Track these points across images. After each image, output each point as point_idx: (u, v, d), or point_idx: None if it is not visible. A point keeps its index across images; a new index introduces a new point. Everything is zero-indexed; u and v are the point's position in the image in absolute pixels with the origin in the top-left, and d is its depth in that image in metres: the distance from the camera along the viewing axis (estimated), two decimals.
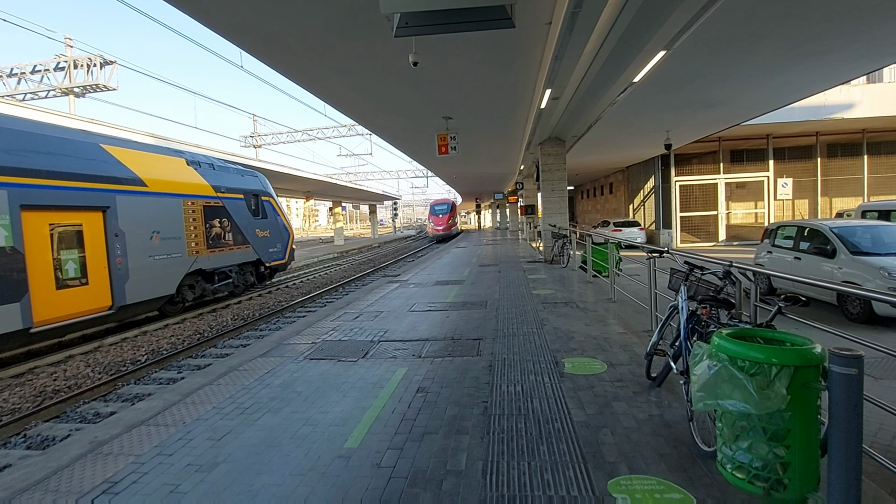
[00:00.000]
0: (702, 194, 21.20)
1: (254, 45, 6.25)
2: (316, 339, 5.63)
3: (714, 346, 1.82)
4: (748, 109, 11.93)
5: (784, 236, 9.09)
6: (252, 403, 3.72)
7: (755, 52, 7.39)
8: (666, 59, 6.55)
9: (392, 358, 4.76)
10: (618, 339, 5.04)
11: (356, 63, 6.91)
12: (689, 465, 2.55)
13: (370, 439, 3.02)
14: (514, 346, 4.96)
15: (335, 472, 2.65)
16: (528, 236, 22.28)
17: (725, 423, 1.79)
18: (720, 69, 8.16)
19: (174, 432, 3.28)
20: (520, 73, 7.59)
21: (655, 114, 11.63)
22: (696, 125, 13.64)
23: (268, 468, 2.72)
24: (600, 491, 2.35)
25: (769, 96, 10.53)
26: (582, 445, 2.80)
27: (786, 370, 1.60)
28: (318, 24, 5.53)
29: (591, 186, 34.57)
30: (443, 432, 3.07)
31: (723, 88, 9.50)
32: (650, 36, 5.48)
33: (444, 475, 2.56)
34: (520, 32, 5.76)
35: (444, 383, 3.97)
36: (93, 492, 2.57)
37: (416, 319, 6.45)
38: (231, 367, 4.72)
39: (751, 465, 1.70)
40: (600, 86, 7.67)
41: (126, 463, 2.88)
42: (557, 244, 12.59)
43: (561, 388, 3.73)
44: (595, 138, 13.87)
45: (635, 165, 23.45)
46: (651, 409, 3.28)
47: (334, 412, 3.48)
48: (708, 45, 6.88)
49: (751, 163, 20.85)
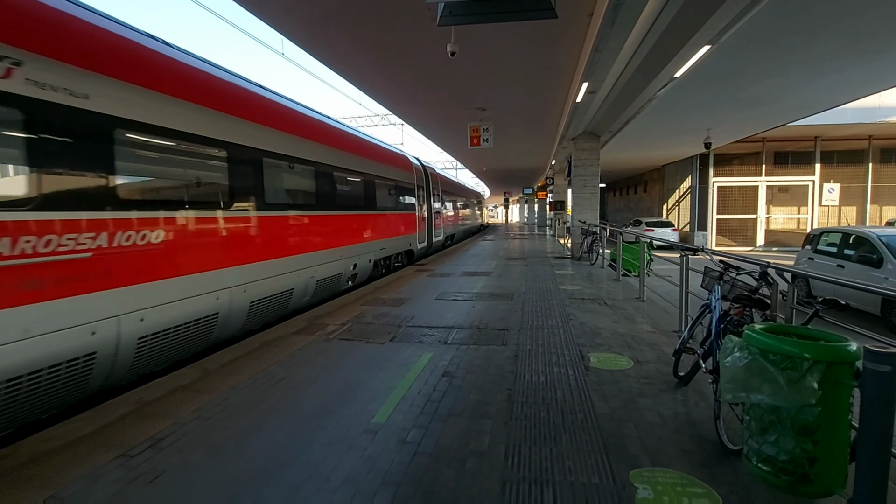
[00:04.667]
0: (741, 196, 20.48)
1: (296, 33, 6.40)
2: (344, 321, 5.79)
3: (746, 338, 1.81)
4: (796, 109, 11.42)
5: (827, 243, 8.72)
6: (283, 377, 3.89)
7: (807, 49, 7.07)
8: (710, 53, 6.34)
9: (418, 342, 4.86)
10: (645, 337, 4.99)
11: (394, 52, 6.98)
12: (714, 462, 2.54)
13: (396, 417, 3.12)
14: (539, 338, 4.98)
15: (362, 444, 2.76)
16: (555, 232, 22.06)
17: (753, 415, 1.78)
18: (768, 66, 7.84)
19: (212, 398, 3.46)
20: (557, 65, 7.50)
21: (696, 111, 11.28)
22: (740, 124, 13.16)
23: (299, 436, 2.85)
24: (622, 480, 2.38)
25: (820, 96, 10.05)
26: (604, 437, 2.83)
27: (818, 365, 1.59)
28: (359, 12, 5.61)
29: (623, 184, 33.84)
30: (466, 415, 3.14)
31: (770, 86, 9.13)
32: (695, 30, 5.32)
33: (467, 455, 2.63)
34: (560, 23, 5.70)
35: (468, 369, 4.04)
36: (140, 445, 2.76)
37: (443, 307, 6.54)
38: (264, 342, 4.91)
39: (777, 459, 1.70)
40: (639, 80, 7.50)
41: (167, 423, 3.07)
42: (587, 241, 12.44)
43: (585, 381, 3.74)
44: (631, 135, 13.56)
45: (671, 164, 22.81)
46: (677, 406, 3.27)
47: (362, 390, 3.60)
48: (756, 41, 6.63)
49: (795, 166, 19.98)
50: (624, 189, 33.73)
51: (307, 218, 6.74)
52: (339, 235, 7.79)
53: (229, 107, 5.17)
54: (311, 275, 6.72)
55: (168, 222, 4.16)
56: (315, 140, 7.11)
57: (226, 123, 5.03)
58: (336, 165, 7.79)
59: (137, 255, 3.82)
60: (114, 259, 3.59)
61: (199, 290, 4.51)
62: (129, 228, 3.73)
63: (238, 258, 5.13)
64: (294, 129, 6.53)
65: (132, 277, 3.75)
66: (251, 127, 5.49)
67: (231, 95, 5.31)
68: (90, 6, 3.89)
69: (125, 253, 3.70)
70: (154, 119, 4.06)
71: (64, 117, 3.27)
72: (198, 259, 4.52)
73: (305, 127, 6.92)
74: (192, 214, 4.45)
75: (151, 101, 4.06)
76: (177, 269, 4.24)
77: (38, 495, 2.31)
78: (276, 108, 6.25)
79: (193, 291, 4.43)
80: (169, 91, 4.28)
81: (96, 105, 3.52)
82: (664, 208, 23.97)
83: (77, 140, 3.38)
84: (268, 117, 5.91)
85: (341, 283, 8.04)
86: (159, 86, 4.16)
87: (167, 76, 4.34)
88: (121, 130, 3.74)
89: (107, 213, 3.56)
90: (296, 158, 6.48)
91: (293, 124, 6.54)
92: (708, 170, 20.46)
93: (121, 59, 3.84)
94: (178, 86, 4.43)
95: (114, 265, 3.59)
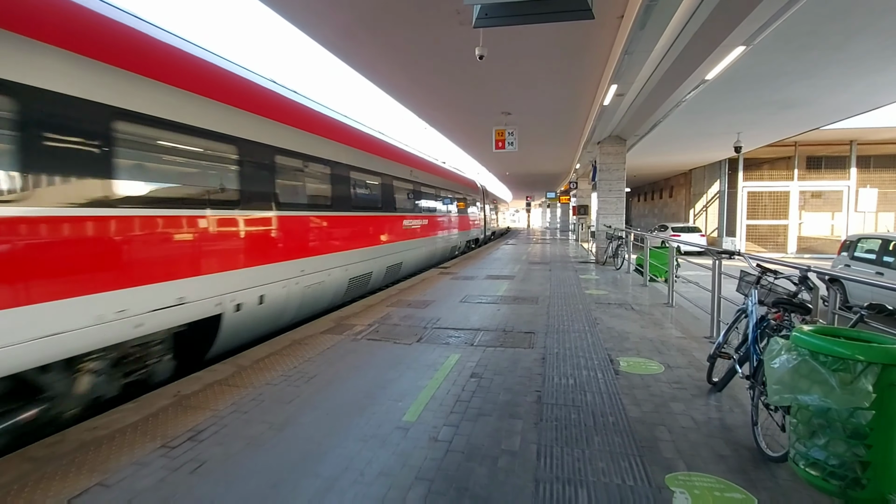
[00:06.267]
0: (771, 202, 19.92)
1: (329, 38, 6.54)
2: (371, 322, 5.86)
3: (794, 340, 1.77)
4: (832, 112, 11.07)
5: (865, 249, 8.41)
6: (315, 374, 3.96)
7: (846, 50, 6.87)
8: (744, 55, 6.23)
9: (445, 344, 4.89)
10: (675, 342, 4.91)
11: (422, 56, 7.06)
12: (751, 468, 2.49)
13: (426, 415, 3.15)
14: (566, 341, 4.95)
15: (395, 440, 2.79)
16: (578, 237, 21.83)
17: (801, 419, 1.74)
18: (805, 67, 7.64)
19: (248, 393, 3.56)
20: (585, 68, 7.47)
21: (727, 114, 11.05)
22: (772, 128, 12.82)
23: (333, 431, 2.91)
24: (657, 484, 2.35)
25: (858, 98, 9.73)
26: (637, 440, 2.80)
27: (872, 367, 1.55)
28: (388, 18, 5.71)
29: (648, 189, 33.28)
30: (496, 415, 3.15)
31: (805, 88, 8.89)
32: (728, 31, 5.23)
33: (498, 453, 2.64)
34: (590, 26, 5.69)
35: (496, 371, 4.04)
36: (180, 437, 2.86)
37: (468, 310, 6.55)
38: (294, 341, 5.02)
39: (826, 463, 1.66)
40: (669, 82, 7.40)
41: (206, 416, 3.17)
42: (612, 246, 12.29)
43: (615, 384, 3.71)
44: (658, 138, 13.36)
45: (698, 168, 22.35)
46: (710, 411, 3.21)
47: (392, 388, 3.65)
48: (792, 41, 6.48)
49: (829, 170, 19.34)
50: (649, 194, 33.18)
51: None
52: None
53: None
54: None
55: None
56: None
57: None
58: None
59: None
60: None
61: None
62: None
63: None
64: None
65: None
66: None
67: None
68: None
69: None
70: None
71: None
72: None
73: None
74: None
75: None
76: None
77: (88, 480, 2.42)
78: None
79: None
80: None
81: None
82: (691, 213, 23.49)
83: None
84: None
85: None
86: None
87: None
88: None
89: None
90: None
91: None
92: (737, 174, 19.98)
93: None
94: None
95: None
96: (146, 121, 3.74)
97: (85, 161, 3.24)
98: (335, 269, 6.80)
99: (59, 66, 3.10)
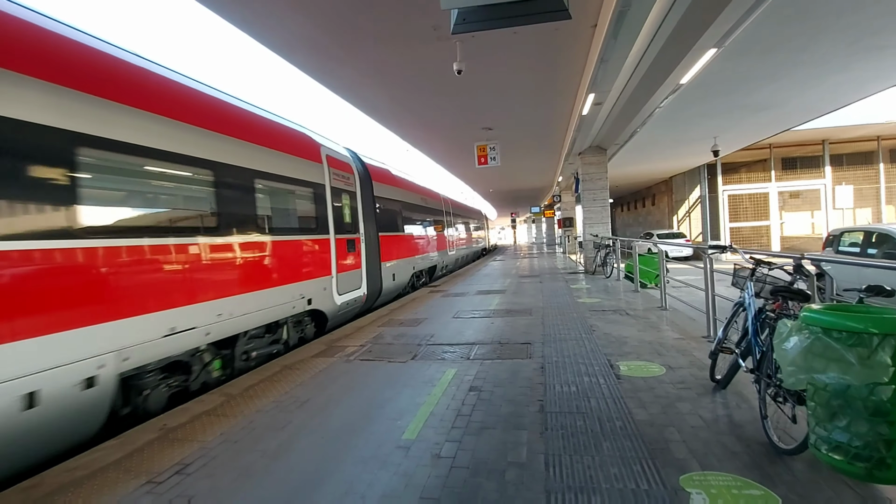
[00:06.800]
0: (752, 204, 20.31)
1: (303, 61, 6.54)
2: (363, 342, 5.71)
3: (804, 319, 1.72)
4: (802, 112, 11.41)
5: (849, 243, 8.55)
6: (308, 398, 3.80)
7: (811, 50, 7.10)
8: (715, 59, 6.38)
9: (441, 359, 4.76)
10: (674, 343, 4.85)
11: (401, 75, 7.10)
12: (766, 463, 2.41)
13: (427, 432, 3.02)
14: (564, 350, 4.86)
15: (396, 460, 2.66)
16: (565, 249, 21.94)
17: (819, 401, 1.67)
18: (773, 69, 7.87)
19: (237, 422, 3.38)
20: (563, 78, 7.59)
21: (702, 119, 11.31)
22: (746, 130, 13.15)
23: (330, 455, 2.76)
24: (672, 486, 2.25)
25: (825, 97, 10.04)
26: (647, 442, 2.70)
27: (889, 339, 1.50)
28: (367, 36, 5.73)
29: (631, 199, 33.78)
30: (500, 427, 3.03)
31: (775, 90, 9.15)
32: (700, 33, 5.37)
33: (505, 466, 2.52)
34: (565, 35, 5.78)
35: (496, 383, 3.93)
36: (166, 472, 2.69)
37: (461, 325, 6.44)
38: (284, 366, 4.85)
39: (850, 445, 1.59)
40: (646, 88, 7.55)
41: (193, 448, 2.99)
42: (600, 254, 12.33)
43: (618, 388, 3.62)
44: (638, 146, 13.59)
45: (679, 175, 22.77)
46: (718, 409, 3.13)
47: (389, 407, 3.51)
48: (760, 43, 6.67)
49: (805, 170, 19.84)
50: (632, 203, 33.66)
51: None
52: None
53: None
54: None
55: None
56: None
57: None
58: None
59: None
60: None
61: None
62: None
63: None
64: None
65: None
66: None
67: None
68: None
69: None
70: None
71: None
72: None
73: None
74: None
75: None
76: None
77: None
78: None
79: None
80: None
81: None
82: (674, 220, 23.81)
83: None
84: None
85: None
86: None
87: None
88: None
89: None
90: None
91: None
92: (716, 179, 20.38)
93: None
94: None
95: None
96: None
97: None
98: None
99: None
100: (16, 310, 2.78)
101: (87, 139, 3.32)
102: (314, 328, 6.70)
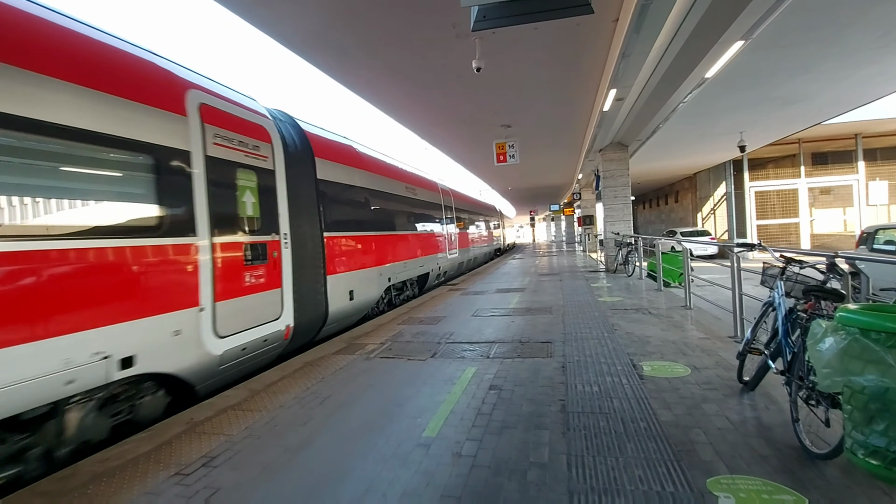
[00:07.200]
0: (780, 201, 19.72)
1: (325, 61, 6.60)
2: (383, 340, 5.75)
3: (839, 320, 1.66)
4: (833, 106, 11.00)
5: (884, 241, 8.23)
6: (329, 395, 3.85)
7: (841, 42, 6.84)
8: (741, 52, 6.20)
9: (461, 358, 4.76)
10: (699, 343, 4.75)
11: (419, 73, 7.11)
12: (797, 467, 2.33)
13: (447, 430, 3.02)
14: (585, 349, 4.80)
15: (416, 459, 2.66)
16: (585, 247, 21.69)
17: (855, 404, 1.61)
18: (802, 61, 7.61)
19: (261, 417, 3.45)
20: (583, 74, 7.48)
21: (728, 114, 11.02)
22: (774, 125, 12.76)
23: (350, 452, 2.79)
24: (699, 488, 2.20)
25: (856, 90, 9.66)
26: (673, 444, 2.65)
27: None
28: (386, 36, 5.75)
29: (653, 195, 33.15)
30: (521, 427, 3.01)
31: (804, 83, 8.84)
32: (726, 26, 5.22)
33: (527, 466, 2.50)
34: (586, 30, 5.70)
35: (516, 382, 3.90)
36: (194, 464, 2.75)
37: (481, 323, 6.43)
38: (306, 363, 4.91)
39: (888, 450, 1.52)
40: (669, 83, 7.39)
41: (219, 441, 3.06)
42: (622, 253, 12.14)
43: (642, 389, 3.56)
44: (661, 142, 13.33)
45: (703, 171, 22.25)
46: (745, 411, 3.05)
47: (409, 405, 3.52)
48: (787, 36, 6.46)
49: (837, 165, 19.16)
50: (654, 200, 33.04)
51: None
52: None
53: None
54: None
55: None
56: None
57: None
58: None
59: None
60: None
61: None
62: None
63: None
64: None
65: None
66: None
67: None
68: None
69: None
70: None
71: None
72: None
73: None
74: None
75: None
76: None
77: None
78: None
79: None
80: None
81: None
82: (699, 217, 23.29)
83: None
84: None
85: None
86: None
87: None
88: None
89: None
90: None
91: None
92: (743, 175, 19.84)
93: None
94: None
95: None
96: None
97: None
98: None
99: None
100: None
101: None
102: (164, 400, 3.93)
